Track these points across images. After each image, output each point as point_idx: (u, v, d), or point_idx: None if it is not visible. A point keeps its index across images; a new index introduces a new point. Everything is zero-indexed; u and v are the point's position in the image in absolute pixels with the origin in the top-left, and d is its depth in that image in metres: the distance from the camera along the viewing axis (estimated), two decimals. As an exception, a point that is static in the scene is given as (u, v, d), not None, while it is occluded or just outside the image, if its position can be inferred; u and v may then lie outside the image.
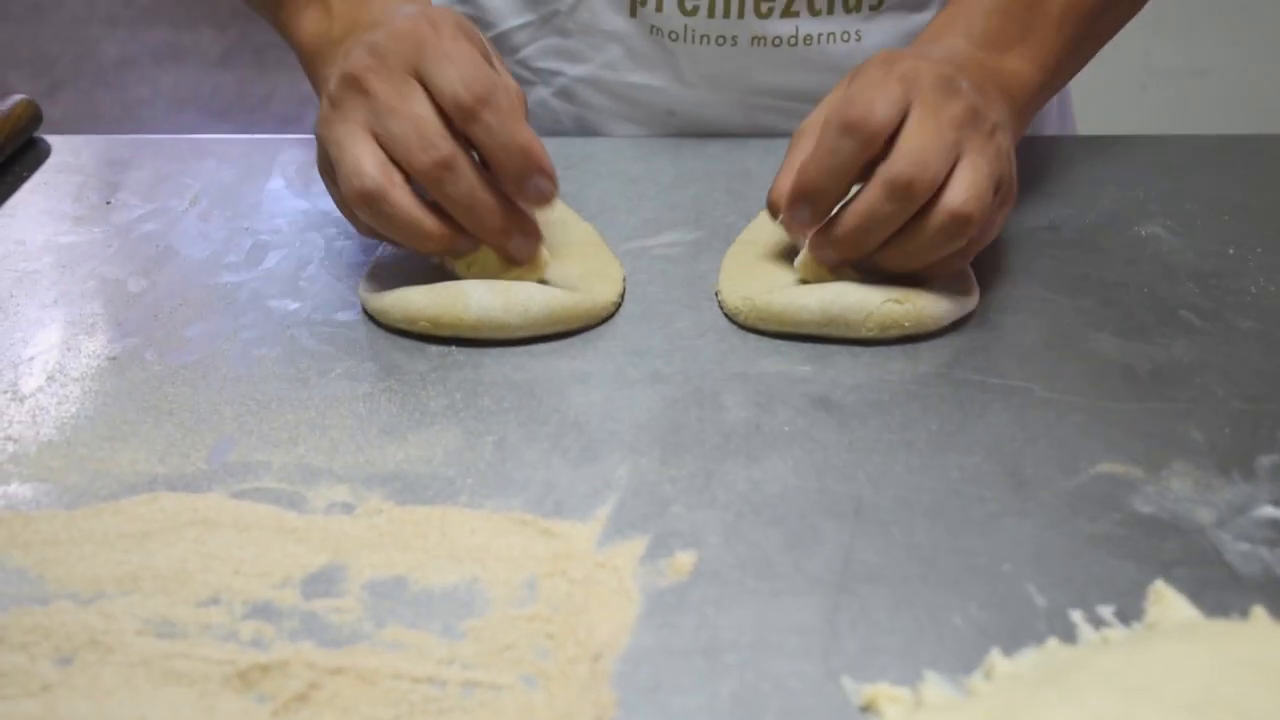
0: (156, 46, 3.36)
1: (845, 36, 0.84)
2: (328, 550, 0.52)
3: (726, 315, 0.68)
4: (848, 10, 0.84)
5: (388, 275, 0.69)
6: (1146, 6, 0.84)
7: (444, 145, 0.62)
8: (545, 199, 0.64)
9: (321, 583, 0.51)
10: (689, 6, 0.83)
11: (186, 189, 0.81)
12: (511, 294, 0.65)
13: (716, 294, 0.70)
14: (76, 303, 0.70)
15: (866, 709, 0.45)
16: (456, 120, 0.63)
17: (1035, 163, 0.86)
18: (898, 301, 0.65)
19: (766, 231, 0.74)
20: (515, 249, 0.66)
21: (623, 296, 0.69)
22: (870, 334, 0.65)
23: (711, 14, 0.83)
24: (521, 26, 0.88)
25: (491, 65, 0.66)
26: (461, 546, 0.52)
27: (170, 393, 0.62)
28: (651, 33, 0.85)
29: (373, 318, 0.68)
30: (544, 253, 0.67)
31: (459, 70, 0.63)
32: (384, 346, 0.66)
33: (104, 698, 0.46)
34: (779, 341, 0.66)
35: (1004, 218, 0.67)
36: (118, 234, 0.77)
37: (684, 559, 0.52)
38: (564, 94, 0.90)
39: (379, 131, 0.63)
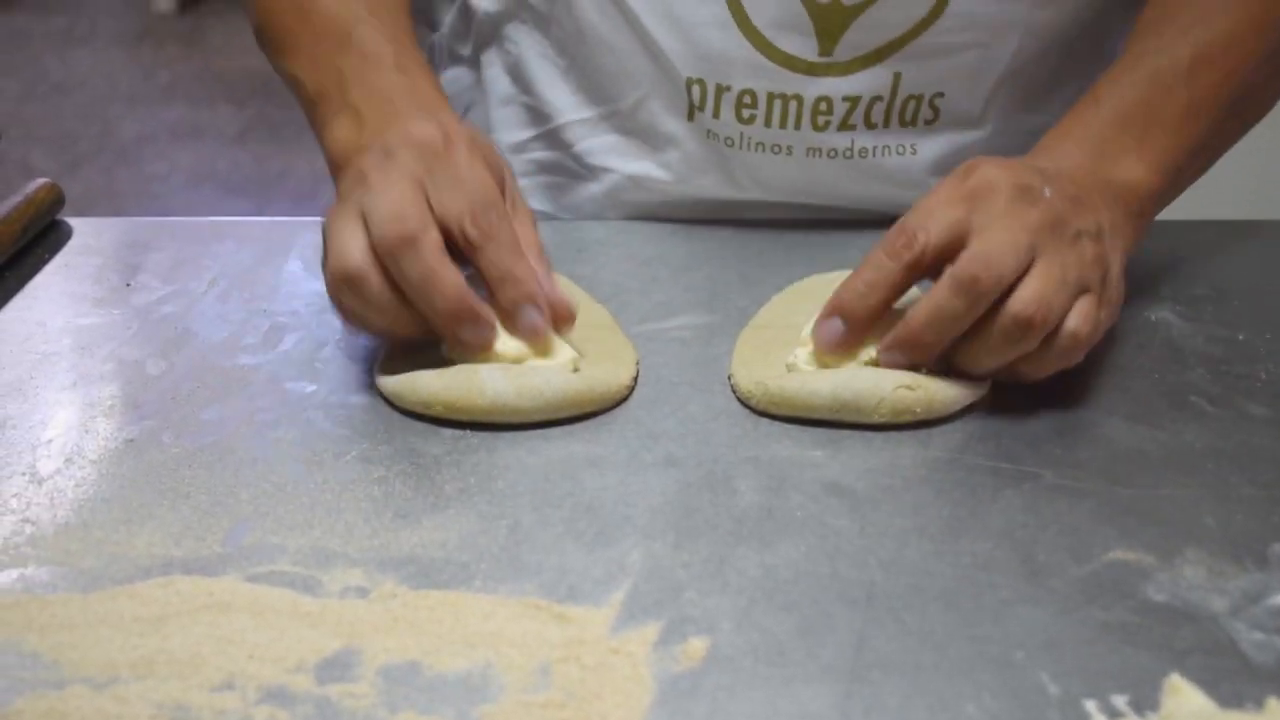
0: (175, 124, 3.41)
1: (900, 150, 0.85)
2: (342, 635, 0.52)
3: (739, 399, 0.69)
4: (903, 125, 0.84)
5: (403, 358, 0.69)
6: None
7: (413, 222, 0.63)
8: (535, 333, 0.66)
9: (336, 667, 0.51)
10: (746, 115, 0.83)
11: (205, 271, 0.82)
12: (525, 379, 0.66)
13: (729, 378, 0.70)
14: (95, 385, 0.70)
15: (880, 800, 0.45)
16: (460, 245, 0.65)
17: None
18: (909, 388, 0.65)
19: (779, 315, 0.75)
20: (466, 335, 0.66)
21: (636, 380, 0.70)
22: (882, 419, 0.65)
23: (768, 124, 0.83)
24: (580, 121, 0.89)
25: (502, 192, 0.68)
26: (475, 632, 0.52)
27: (187, 475, 0.63)
28: (708, 137, 0.85)
29: (388, 400, 0.68)
30: (552, 337, 0.68)
31: (466, 196, 0.65)
32: (399, 429, 0.66)
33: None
34: (791, 426, 0.67)
35: (1102, 324, 0.67)
36: (137, 316, 0.77)
37: (697, 645, 0.52)
38: (614, 192, 0.90)
39: (364, 213, 0.64)
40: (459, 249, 0.65)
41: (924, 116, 0.84)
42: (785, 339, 0.72)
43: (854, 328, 0.67)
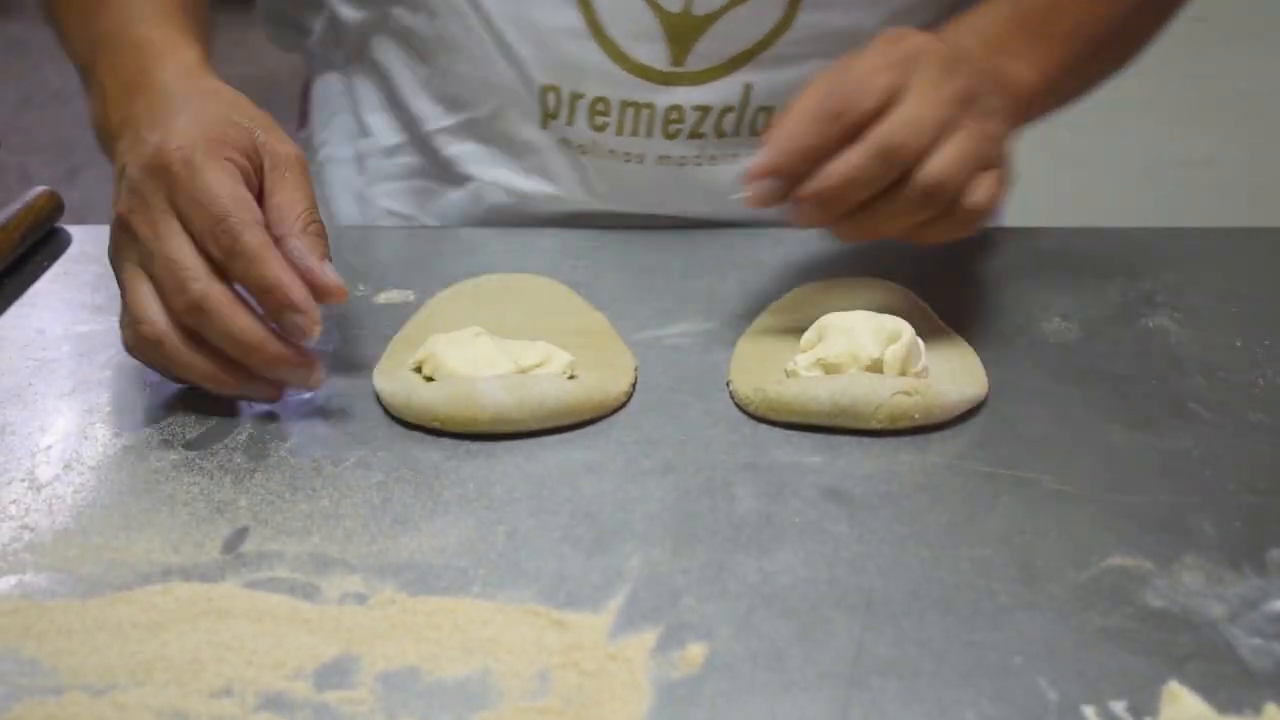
0: (173, 133, 3.40)
1: (751, 159, 0.85)
2: (340, 641, 0.52)
3: (738, 405, 0.69)
4: (754, 134, 0.85)
5: (401, 363, 0.69)
6: (1152, 97, 0.87)
7: (195, 288, 0.63)
8: (303, 333, 0.64)
9: (334, 674, 0.51)
10: (599, 123, 0.84)
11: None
12: (525, 391, 0.65)
13: (728, 384, 0.70)
14: (94, 391, 0.71)
15: (879, 806, 0.45)
16: (217, 265, 0.64)
17: (1042, 254, 0.87)
18: (907, 393, 0.65)
19: (778, 322, 0.75)
20: (291, 378, 0.65)
21: (634, 386, 0.70)
22: (880, 425, 0.66)
23: (620, 132, 0.85)
24: (443, 130, 0.90)
25: (258, 161, 0.67)
26: (474, 638, 0.52)
27: (185, 482, 0.63)
28: (562, 145, 0.87)
29: (386, 409, 0.68)
30: (547, 346, 0.69)
31: (206, 215, 0.63)
32: (397, 436, 0.66)
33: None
34: (790, 432, 0.67)
35: (997, 200, 0.70)
36: (136, 323, 0.77)
37: (695, 651, 0.52)
38: (476, 196, 0.91)
39: (149, 273, 0.65)
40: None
41: None
42: (784, 345, 0.72)
43: (788, 185, 0.67)
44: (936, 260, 0.84)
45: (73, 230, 0.90)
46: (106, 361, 0.73)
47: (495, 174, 0.89)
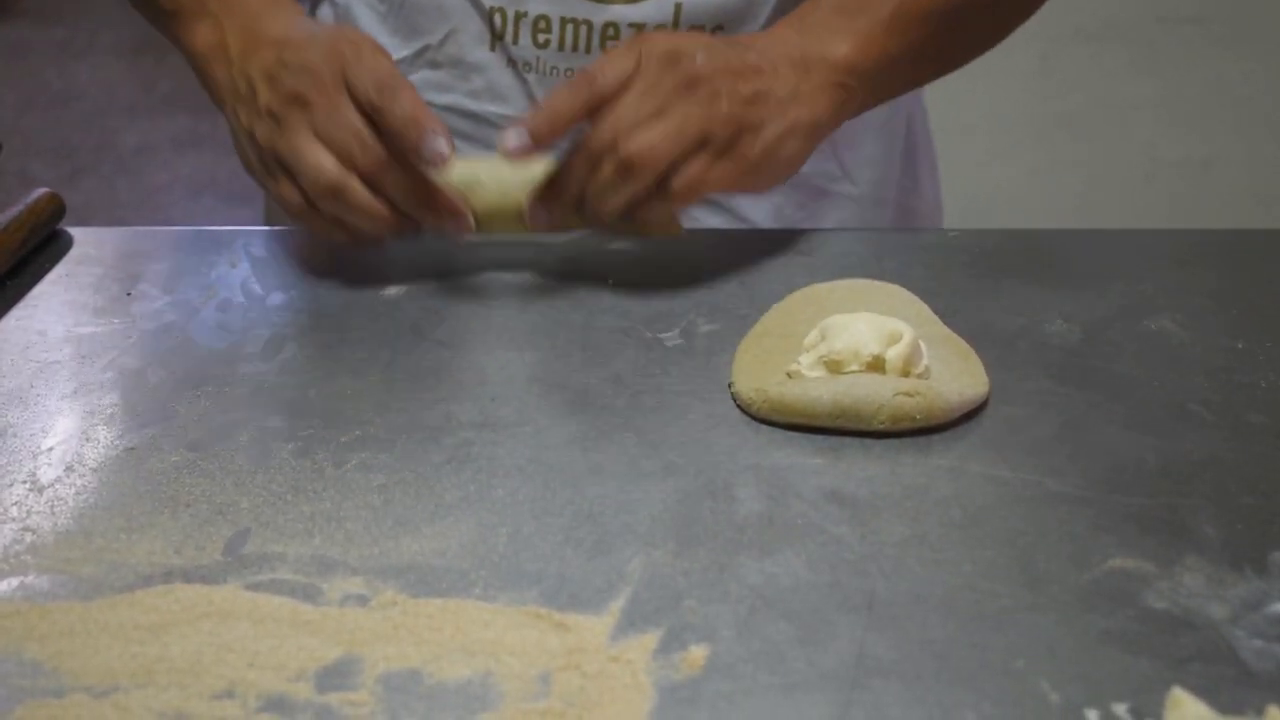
0: (175, 134, 3.41)
1: None
2: (342, 643, 0.52)
3: (740, 407, 0.69)
4: None
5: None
6: (1153, 99, 0.87)
7: (379, 147, 0.75)
8: (442, 157, 0.75)
9: (336, 676, 0.51)
10: (541, 40, 0.90)
11: (205, 280, 0.82)
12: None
13: (730, 385, 0.70)
14: (95, 393, 0.71)
15: (881, 808, 0.45)
16: (374, 116, 0.75)
17: (1043, 256, 0.87)
18: (909, 394, 0.65)
19: (780, 324, 0.75)
20: (450, 227, 0.78)
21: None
22: (882, 426, 0.66)
23: (561, 48, 0.90)
24: (401, 60, 0.94)
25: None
26: (475, 640, 0.52)
27: (187, 484, 0.63)
28: (509, 64, 0.92)
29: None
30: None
31: (376, 79, 0.75)
32: (399, 438, 0.66)
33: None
34: (792, 433, 0.67)
35: (724, 176, 0.76)
36: (137, 325, 0.78)
37: (697, 653, 0.52)
38: None
39: (325, 138, 0.75)
40: None
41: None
42: (786, 347, 0.72)
43: (537, 146, 0.76)
44: (939, 263, 0.84)
45: (74, 232, 0.90)
46: (108, 364, 0.73)
47: (449, 98, 0.94)
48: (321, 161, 0.75)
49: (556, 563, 0.57)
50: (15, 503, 0.61)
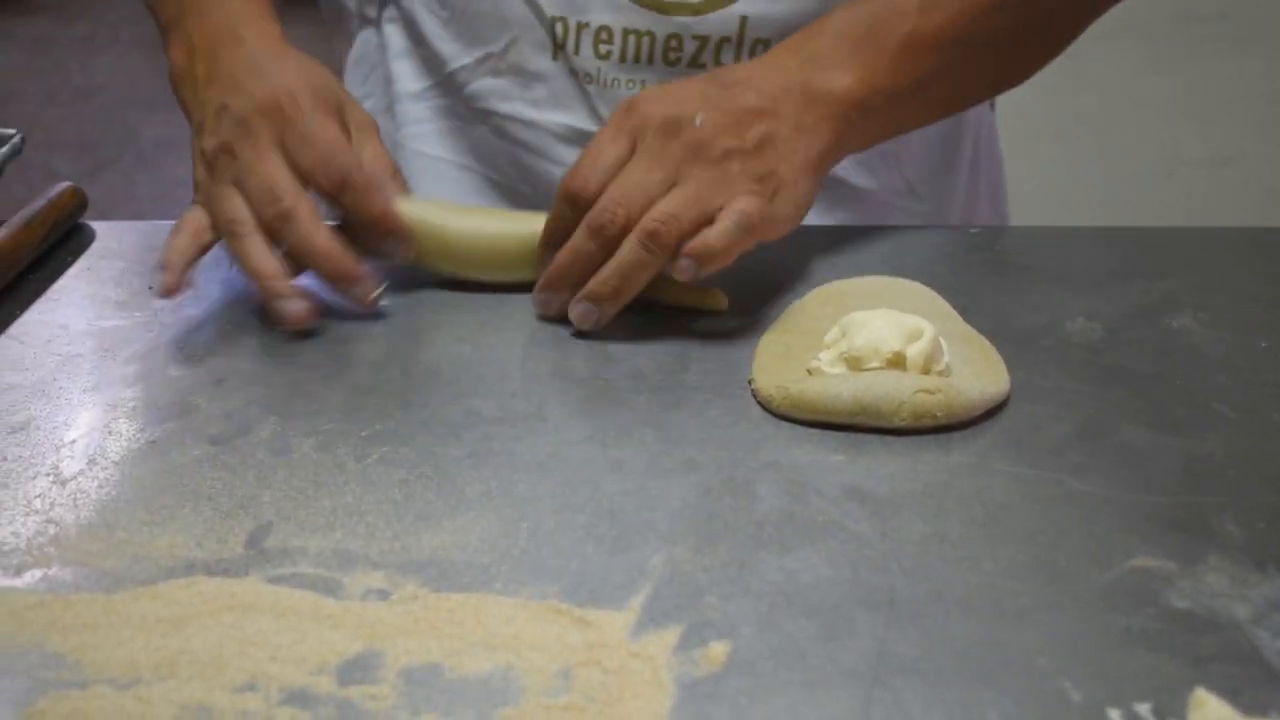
0: (195, 129, 3.41)
1: None
2: (363, 636, 0.52)
3: (760, 403, 0.69)
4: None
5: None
6: (1174, 96, 0.86)
7: (288, 199, 0.74)
8: (402, 248, 0.77)
9: (357, 669, 0.51)
10: (603, 50, 0.89)
11: (226, 275, 0.83)
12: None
13: (750, 382, 0.70)
14: (117, 387, 0.71)
15: (902, 805, 0.45)
16: (323, 196, 0.76)
17: (1064, 254, 0.86)
18: (929, 392, 0.65)
19: (800, 320, 0.75)
20: (354, 292, 0.76)
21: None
22: (903, 423, 0.65)
23: (623, 59, 0.88)
24: (464, 67, 0.94)
25: (343, 118, 0.79)
26: (496, 634, 0.53)
27: (209, 477, 0.63)
28: (571, 74, 0.91)
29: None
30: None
31: (318, 153, 0.76)
32: (420, 432, 0.66)
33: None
34: (813, 430, 0.67)
35: (748, 234, 0.73)
36: (158, 319, 0.78)
37: (717, 649, 0.52)
38: (498, 132, 0.95)
39: (242, 189, 0.75)
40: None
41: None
42: (806, 343, 0.72)
43: (562, 297, 0.76)
44: (959, 260, 0.84)
45: (96, 226, 0.90)
46: (130, 356, 0.74)
47: (510, 107, 0.94)
48: (238, 209, 0.75)
49: (577, 558, 0.57)
50: (38, 495, 0.61)
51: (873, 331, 0.68)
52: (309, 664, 0.51)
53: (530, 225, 0.79)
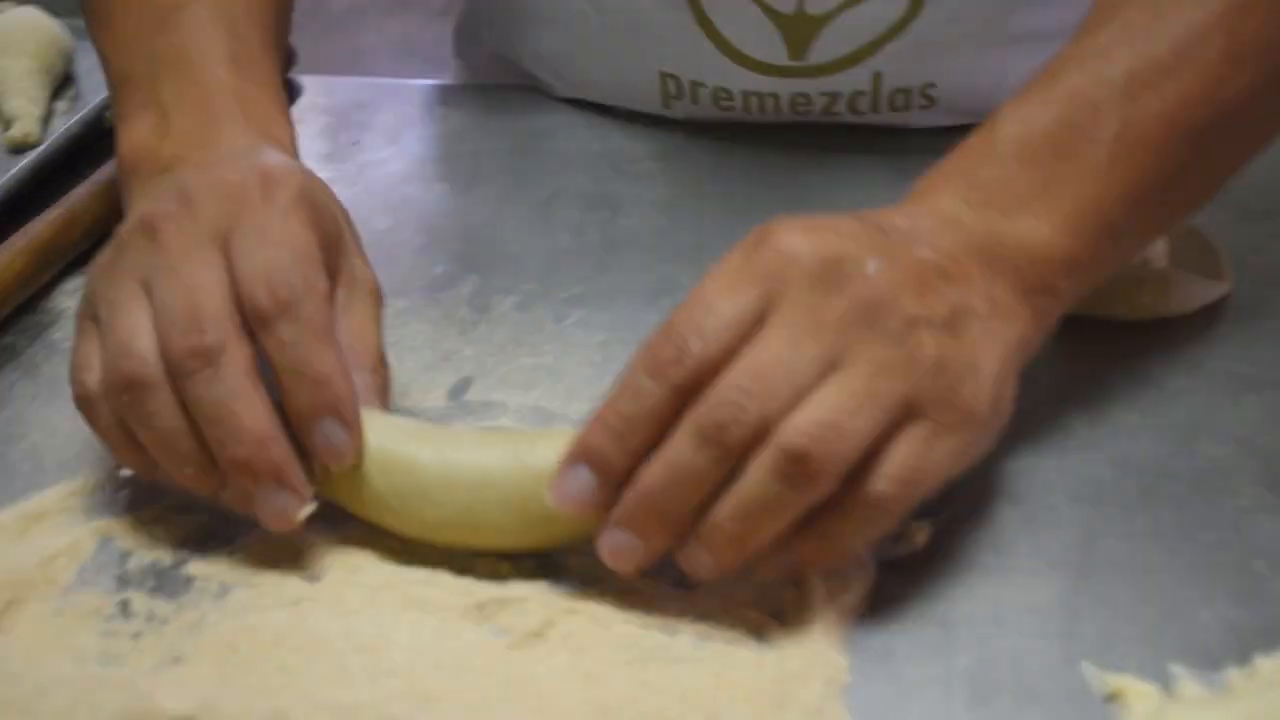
0: (384, -3, 3.45)
1: (892, 122, 0.79)
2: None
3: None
4: (894, 110, 0.78)
5: None
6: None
7: (213, 333, 0.48)
8: (337, 456, 0.49)
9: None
10: (724, 105, 0.79)
11: (430, 132, 0.83)
12: None
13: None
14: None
15: (1111, 699, 0.43)
16: (251, 322, 0.49)
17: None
18: (1147, 284, 0.63)
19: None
20: (261, 500, 0.48)
21: None
22: (1120, 315, 0.63)
23: (748, 111, 0.79)
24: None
25: (335, 259, 0.54)
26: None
27: (412, 329, 0.64)
28: (687, 119, 0.82)
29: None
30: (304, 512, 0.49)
31: (268, 258, 0.49)
32: (619, 297, 0.66)
33: (349, 616, 0.47)
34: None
35: (943, 462, 0.47)
36: (365, 173, 0.79)
37: (919, 532, 0.51)
38: None
39: (154, 297, 0.49)
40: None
41: (917, 103, 0.78)
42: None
43: (607, 480, 0.46)
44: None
45: (304, 80, 0.91)
46: (336, 209, 0.75)
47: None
48: (132, 337, 0.49)
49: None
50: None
51: None
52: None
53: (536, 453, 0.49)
